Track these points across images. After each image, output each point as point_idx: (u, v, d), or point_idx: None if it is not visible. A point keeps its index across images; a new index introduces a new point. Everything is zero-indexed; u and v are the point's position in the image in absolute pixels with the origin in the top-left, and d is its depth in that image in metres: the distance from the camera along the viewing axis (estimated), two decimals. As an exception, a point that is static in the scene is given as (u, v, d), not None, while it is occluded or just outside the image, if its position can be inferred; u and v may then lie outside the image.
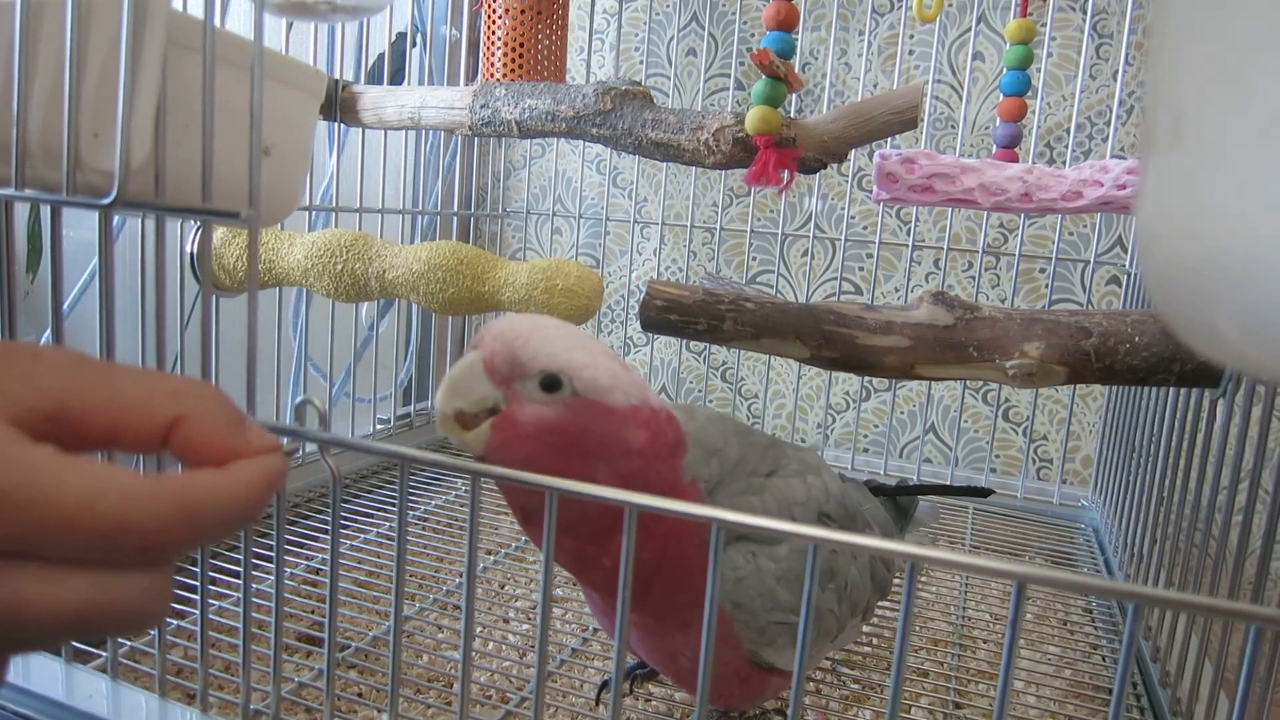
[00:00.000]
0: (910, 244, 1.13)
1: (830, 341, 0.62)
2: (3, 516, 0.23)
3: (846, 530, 0.54)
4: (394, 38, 1.14)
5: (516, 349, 0.41)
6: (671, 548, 0.45)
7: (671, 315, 0.62)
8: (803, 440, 1.32)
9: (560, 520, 0.43)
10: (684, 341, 1.33)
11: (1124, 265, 1.14)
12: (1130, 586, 0.32)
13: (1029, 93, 0.92)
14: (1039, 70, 1.02)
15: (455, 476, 1.05)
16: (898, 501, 0.69)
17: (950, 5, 1.19)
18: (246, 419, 0.30)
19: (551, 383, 0.41)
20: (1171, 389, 0.77)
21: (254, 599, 0.49)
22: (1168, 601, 0.32)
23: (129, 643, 0.63)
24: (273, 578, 0.48)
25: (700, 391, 1.35)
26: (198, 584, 0.49)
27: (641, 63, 1.34)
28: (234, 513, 0.27)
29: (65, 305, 0.78)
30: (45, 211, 0.48)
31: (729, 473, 0.49)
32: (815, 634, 0.52)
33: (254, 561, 0.48)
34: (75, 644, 0.56)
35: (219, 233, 0.87)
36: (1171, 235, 0.24)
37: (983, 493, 0.76)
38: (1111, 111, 1.11)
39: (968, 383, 1.22)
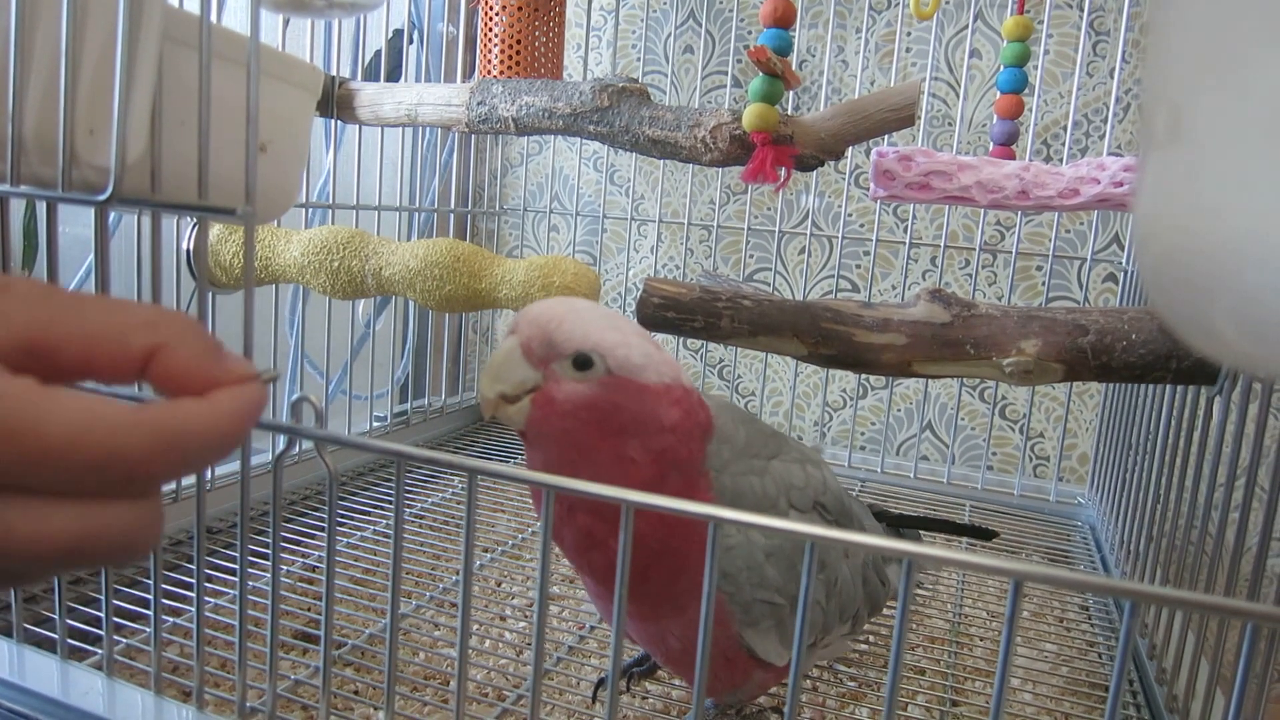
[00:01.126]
0: (907, 241, 1.13)
1: (827, 339, 0.62)
2: None
3: (841, 527, 0.54)
4: (391, 34, 1.14)
5: (551, 331, 0.43)
6: (677, 535, 0.46)
7: (669, 313, 0.62)
8: (800, 437, 1.32)
9: (578, 498, 0.43)
10: (681, 339, 1.33)
11: (1121, 262, 1.14)
12: (1127, 584, 0.32)
13: (1026, 90, 0.92)
14: (1036, 67, 1.02)
15: (452, 474, 1.05)
16: (900, 531, 0.70)
17: (947, 2, 1.19)
18: (223, 347, 0.30)
19: (584, 361, 0.43)
20: (1168, 386, 0.77)
21: (250, 596, 0.49)
22: (1164, 599, 0.33)
23: (124, 639, 0.63)
24: (268, 575, 0.47)
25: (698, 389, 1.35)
26: (194, 581, 0.49)
27: (639, 60, 1.33)
28: (217, 440, 0.27)
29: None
30: (41, 208, 0.48)
31: (735, 457, 0.50)
32: (790, 609, 0.51)
33: (250, 559, 0.48)
34: (70, 631, 0.56)
35: (215, 230, 0.87)
36: (1168, 231, 0.24)
37: (987, 535, 0.76)
38: (1108, 109, 1.11)
39: (965, 380, 1.22)
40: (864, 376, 1.27)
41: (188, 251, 0.84)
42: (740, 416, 0.53)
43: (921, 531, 0.75)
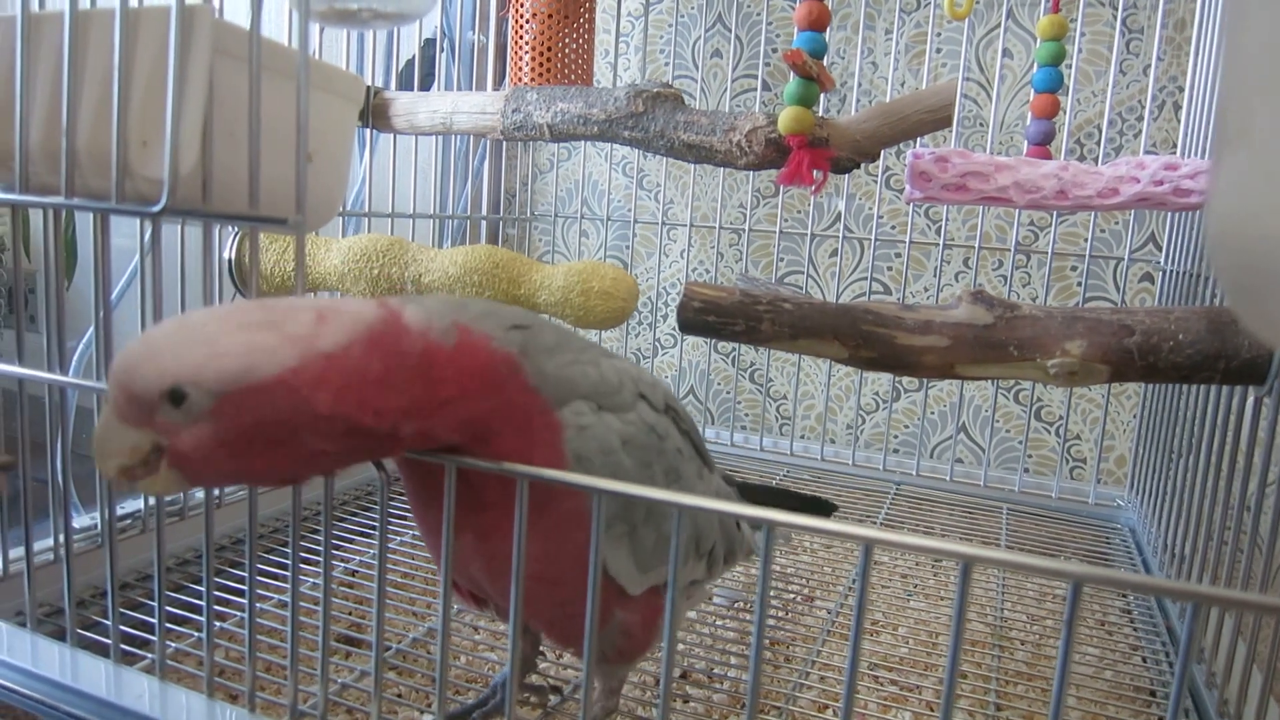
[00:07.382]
0: (940, 243, 1.12)
1: (869, 342, 0.62)
2: None
3: (693, 442, 0.52)
4: (423, 43, 1.15)
5: (129, 386, 0.36)
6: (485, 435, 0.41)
7: (709, 316, 0.62)
8: (832, 441, 1.31)
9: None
10: (712, 343, 1.32)
11: (1157, 262, 1.13)
12: (1192, 586, 0.32)
13: (1060, 89, 0.92)
14: (1069, 66, 1.01)
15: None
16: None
17: (978, 2, 1.19)
18: None
19: (179, 399, 0.36)
20: (1210, 386, 0.76)
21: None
22: (1227, 601, 0.32)
23: (174, 644, 0.64)
24: (313, 580, 0.48)
25: (729, 393, 1.35)
26: (241, 586, 0.50)
27: (667, 65, 1.34)
28: None
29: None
30: (82, 219, 0.49)
31: (547, 350, 0.45)
32: (644, 516, 0.47)
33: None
34: (123, 646, 0.56)
35: (254, 238, 0.88)
36: (1242, 231, 0.23)
37: (827, 508, 0.68)
38: (1144, 106, 1.10)
39: (999, 382, 1.21)
40: (898, 379, 1.26)
41: (229, 260, 0.86)
42: (552, 323, 0.48)
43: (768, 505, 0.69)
